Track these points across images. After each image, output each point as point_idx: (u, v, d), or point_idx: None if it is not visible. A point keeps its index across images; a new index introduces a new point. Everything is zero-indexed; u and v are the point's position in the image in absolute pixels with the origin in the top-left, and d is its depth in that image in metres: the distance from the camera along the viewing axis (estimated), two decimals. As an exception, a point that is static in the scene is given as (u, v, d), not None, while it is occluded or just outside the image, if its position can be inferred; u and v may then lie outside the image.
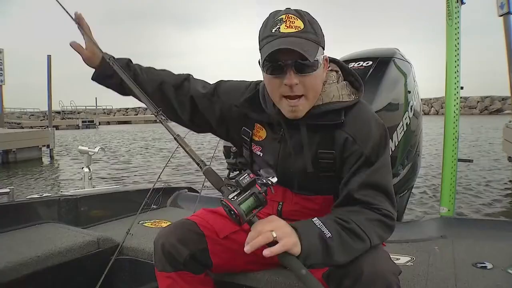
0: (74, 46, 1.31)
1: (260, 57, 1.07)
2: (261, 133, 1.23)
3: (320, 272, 1.10)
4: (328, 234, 0.96)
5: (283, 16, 1.03)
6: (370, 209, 1.04)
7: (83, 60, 1.33)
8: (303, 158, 1.14)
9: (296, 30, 1.01)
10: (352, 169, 1.08)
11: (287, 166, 1.17)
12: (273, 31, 1.03)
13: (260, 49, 1.07)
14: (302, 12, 1.05)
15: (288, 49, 0.99)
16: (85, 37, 1.31)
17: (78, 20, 1.30)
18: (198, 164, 1.08)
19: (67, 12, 1.30)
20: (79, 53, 1.31)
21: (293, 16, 1.03)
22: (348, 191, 1.06)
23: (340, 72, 1.18)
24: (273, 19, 1.05)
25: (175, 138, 1.13)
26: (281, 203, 1.24)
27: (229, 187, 1.01)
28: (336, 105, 1.10)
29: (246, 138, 1.25)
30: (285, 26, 1.02)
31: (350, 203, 1.05)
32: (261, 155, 1.23)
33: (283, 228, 0.96)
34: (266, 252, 0.92)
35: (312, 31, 1.04)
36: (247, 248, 0.94)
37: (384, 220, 1.03)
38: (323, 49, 1.09)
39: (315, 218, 1.00)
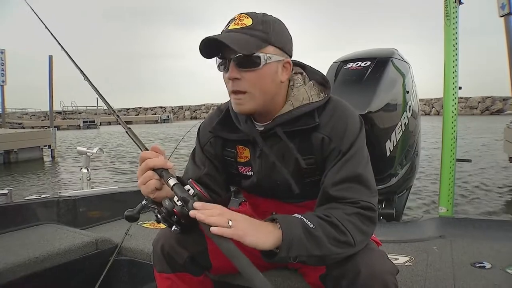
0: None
1: None
2: (245, 153, 1.19)
3: (317, 274, 1.10)
4: (311, 225, 0.94)
5: (236, 16, 1.05)
6: (347, 204, 1.01)
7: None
8: (288, 166, 1.12)
9: (241, 26, 1.02)
10: (330, 166, 1.07)
11: (273, 179, 1.15)
12: (223, 29, 1.05)
13: None
14: (259, 13, 1.06)
15: (219, 42, 0.99)
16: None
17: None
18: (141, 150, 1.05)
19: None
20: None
21: (244, 15, 1.04)
22: (323, 189, 1.05)
23: (304, 73, 1.17)
24: (229, 20, 1.06)
25: (126, 132, 1.10)
26: (274, 214, 1.22)
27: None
28: (308, 107, 1.09)
29: (230, 159, 1.21)
30: (234, 24, 1.03)
31: (327, 200, 1.04)
32: (251, 174, 1.19)
33: (244, 221, 0.92)
34: (215, 230, 0.89)
35: (260, 29, 1.02)
36: (194, 213, 0.91)
37: (363, 212, 1.01)
38: (282, 51, 1.07)
39: (295, 214, 0.98)
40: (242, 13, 1.05)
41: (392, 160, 2.25)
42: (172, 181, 0.96)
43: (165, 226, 1.19)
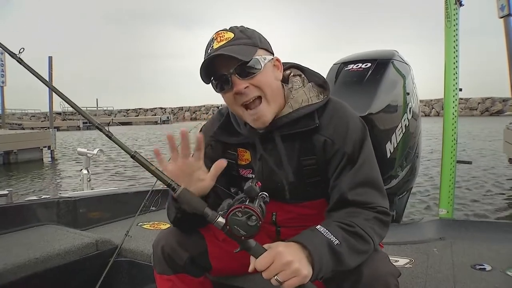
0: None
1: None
2: (246, 156, 1.20)
3: None
4: (336, 241, 0.94)
5: (214, 35, 1.06)
6: (365, 208, 1.03)
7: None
8: (289, 167, 1.12)
9: (226, 41, 1.04)
10: (337, 170, 1.07)
11: (274, 181, 1.15)
12: (208, 52, 1.06)
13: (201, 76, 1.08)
14: (235, 27, 1.08)
15: (218, 57, 1.01)
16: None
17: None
18: (169, 186, 0.96)
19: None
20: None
21: (222, 31, 1.06)
22: (340, 194, 1.05)
23: (303, 76, 1.19)
24: (208, 43, 1.07)
25: (132, 156, 0.98)
26: (274, 214, 1.22)
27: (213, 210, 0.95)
28: (307, 109, 1.10)
29: (231, 161, 1.20)
30: (217, 42, 1.05)
31: (344, 205, 1.04)
32: (252, 177, 1.20)
33: (290, 267, 0.88)
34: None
35: (244, 37, 1.06)
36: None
37: (380, 217, 1.03)
38: (268, 52, 1.10)
39: (319, 226, 0.98)
40: (219, 31, 1.07)
41: (392, 162, 2.25)
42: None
43: (164, 227, 1.18)
